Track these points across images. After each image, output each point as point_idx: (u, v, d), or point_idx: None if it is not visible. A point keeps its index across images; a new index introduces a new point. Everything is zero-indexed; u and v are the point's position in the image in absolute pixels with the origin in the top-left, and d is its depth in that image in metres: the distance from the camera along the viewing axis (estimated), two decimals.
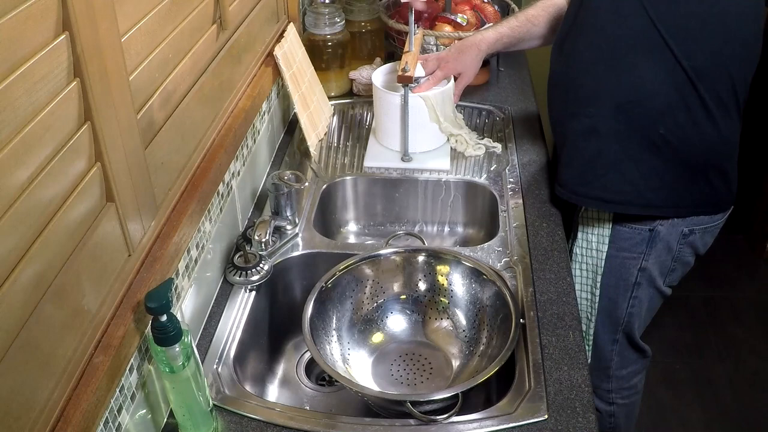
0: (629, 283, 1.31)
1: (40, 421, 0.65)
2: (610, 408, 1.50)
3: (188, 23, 0.98)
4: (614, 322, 1.36)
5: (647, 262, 1.28)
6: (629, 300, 1.33)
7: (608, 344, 1.39)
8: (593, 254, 1.31)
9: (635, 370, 1.46)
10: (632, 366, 1.45)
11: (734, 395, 2.11)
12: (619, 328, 1.37)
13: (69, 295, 0.70)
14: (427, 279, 1.17)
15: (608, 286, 1.32)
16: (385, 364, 1.13)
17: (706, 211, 1.24)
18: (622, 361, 1.42)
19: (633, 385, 1.49)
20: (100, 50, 0.72)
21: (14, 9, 0.59)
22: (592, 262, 1.32)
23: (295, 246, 1.25)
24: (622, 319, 1.35)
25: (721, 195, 1.24)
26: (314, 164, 1.47)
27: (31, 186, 0.62)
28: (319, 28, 1.64)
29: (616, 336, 1.38)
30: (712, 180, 1.21)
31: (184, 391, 0.85)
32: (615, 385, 1.46)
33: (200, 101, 1.04)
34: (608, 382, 1.46)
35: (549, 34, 1.45)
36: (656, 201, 1.21)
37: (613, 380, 1.45)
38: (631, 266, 1.29)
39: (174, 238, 0.90)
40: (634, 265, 1.29)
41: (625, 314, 1.34)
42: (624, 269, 1.30)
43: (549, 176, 1.41)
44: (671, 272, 1.31)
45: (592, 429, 0.90)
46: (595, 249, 1.30)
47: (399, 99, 1.42)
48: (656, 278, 1.31)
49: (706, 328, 2.34)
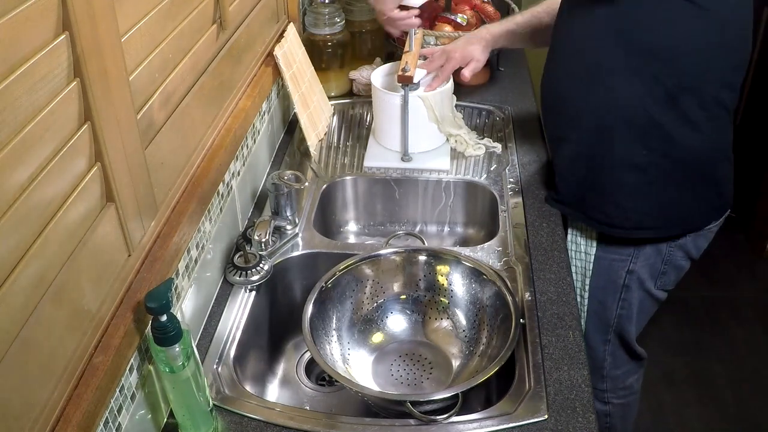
0: (618, 285, 1.30)
1: (40, 420, 0.65)
2: (606, 408, 1.50)
3: (188, 23, 0.98)
4: (605, 324, 1.36)
5: (635, 265, 1.28)
6: (618, 302, 1.32)
7: (600, 345, 1.39)
8: (582, 256, 1.31)
9: (630, 371, 1.46)
10: (626, 366, 1.44)
11: (734, 395, 2.11)
12: (610, 329, 1.36)
13: (69, 295, 0.70)
14: (427, 279, 1.17)
15: (597, 288, 1.32)
16: (385, 364, 1.13)
17: (696, 225, 1.25)
18: (615, 362, 1.42)
19: (629, 385, 1.48)
20: (100, 50, 0.72)
21: (14, 9, 0.59)
22: (581, 264, 1.32)
23: (295, 246, 1.25)
24: (612, 321, 1.35)
25: (712, 204, 1.24)
26: (314, 164, 1.47)
27: (31, 186, 0.62)
28: (319, 28, 1.64)
29: (607, 337, 1.38)
30: (701, 192, 1.21)
31: (184, 391, 0.85)
32: (610, 385, 1.46)
33: (200, 101, 1.04)
34: (603, 382, 1.45)
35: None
36: (646, 222, 1.22)
37: (607, 380, 1.45)
38: (619, 268, 1.29)
39: (174, 238, 0.90)
40: (622, 267, 1.28)
41: (615, 316, 1.34)
42: (612, 271, 1.30)
43: (549, 176, 1.41)
44: (662, 275, 1.30)
45: (592, 429, 0.90)
46: (583, 251, 1.31)
47: (399, 99, 1.42)
48: (645, 281, 1.30)
49: (706, 328, 2.34)
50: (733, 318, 2.38)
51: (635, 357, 1.43)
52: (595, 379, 1.45)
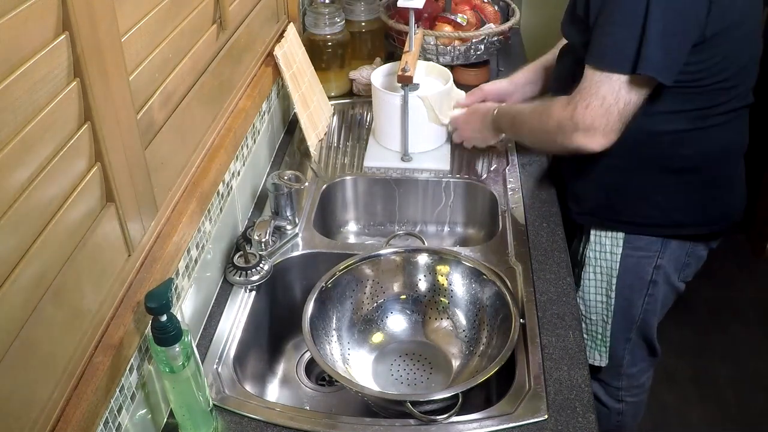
0: (645, 282, 1.30)
1: (40, 420, 0.65)
2: (619, 406, 1.50)
3: (188, 23, 0.98)
4: (629, 321, 1.36)
5: (662, 260, 1.28)
6: (645, 298, 1.32)
7: (621, 343, 1.39)
8: (607, 257, 1.30)
9: (644, 368, 1.46)
10: (642, 363, 1.44)
11: (735, 395, 2.11)
12: (633, 327, 1.36)
13: (69, 295, 0.70)
14: (427, 279, 1.17)
15: (624, 287, 1.31)
16: (385, 364, 1.13)
17: (735, 218, 1.29)
18: (633, 359, 1.42)
19: (642, 383, 1.49)
20: (100, 50, 0.72)
21: (14, 9, 0.59)
22: (606, 264, 1.31)
23: (295, 246, 1.25)
24: (637, 318, 1.35)
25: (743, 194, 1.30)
26: (314, 164, 1.47)
27: (31, 186, 0.63)
28: (319, 28, 1.64)
29: (629, 335, 1.38)
30: (737, 184, 1.27)
31: (184, 391, 0.85)
32: (625, 383, 1.46)
33: (200, 101, 1.04)
34: (619, 380, 1.46)
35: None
36: (685, 220, 1.24)
37: (623, 378, 1.45)
38: (647, 265, 1.29)
39: (174, 238, 0.90)
40: (650, 264, 1.28)
41: (640, 312, 1.34)
42: (640, 268, 1.29)
43: (549, 176, 1.41)
44: (686, 267, 1.31)
45: (592, 429, 0.90)
46: (609, 252, 1.29)
47: (399, 99, 1.42)
48: (671, 274, 1.31)
49: (706, 328, 2.34)
50: (734, 318, 2.38)
51: (653, 353, 1.43)
52: (611, 377, 1.45)
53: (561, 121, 1.13)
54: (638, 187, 1.22)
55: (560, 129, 1.14)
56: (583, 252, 1.34)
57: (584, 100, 1.09)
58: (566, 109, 1.12)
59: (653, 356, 1.44)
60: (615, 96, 1.07)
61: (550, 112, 1.16)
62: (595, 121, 1.09)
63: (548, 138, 1.19)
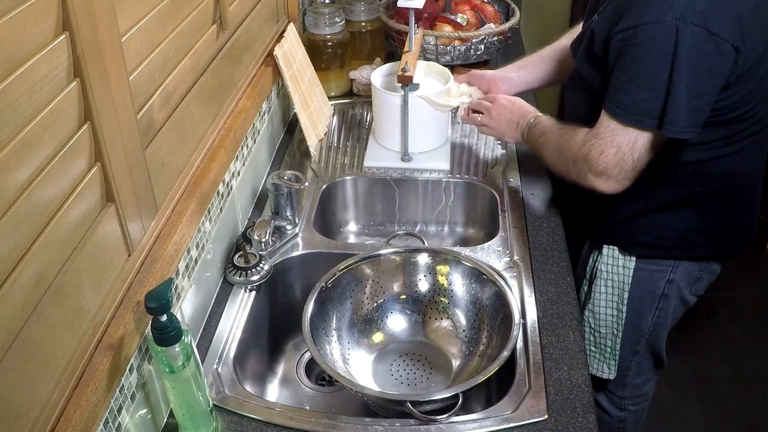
0: (656, 295, 1.29)
1: (40, 420, 0.65)
2: (622, 414, 1.49)
3: (188, 23, 0.98)
4: (638, 334, 1.34)
5: (675, 274, 1.27)
6: (655, 311, 1.31)
7: (629, 355, 1.37)
8: (620, 270, 1.29)
9: (649, 378, 1.45)
10: (647, 374, 1.43)
11: (734, 395, 2.11)
12: (641, 339, 1.35)
13: (69, 295, 0.70)
14: (427, 279, 1.17)
15: (635, 299, 1.30)
16: (385, 363, 1.13)
17: (750, 238, 1.28)
18: (639, 371, 1.41)
19: (645, 392, 1.48)
20: (100, 50, 0.72)
21: (14, 9, 0.59)
22: (618, 278, 1.29)
23: (295, 246, 1.25)
24: (646, 330, 1.34)
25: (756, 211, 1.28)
26: (314, 164, 1.47)
27: (31, 186, 0.63)
28: (319, 28, 1.64)
29: (637, 348, 1.36)
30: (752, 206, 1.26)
31: (184, 391, 0.85)
32: (629, 393, 1.45)
33: (200, 101, 1.04)
34: (623, 389, 1.44)
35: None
36: (702, 242, 1.23)
37: (628, 388, 1.44)
38: (659, 278, 1.27)
39: (174, 238, 0.90)
40: (662, 278, 1.27)
41: (650, 325, 1.33)
42: (652, 282, 1.28)
43: (549, 176, 1.41)
44: (698, 281, 1.30)
45: (592, 429, 0.90)
46: (621, 265, 1.28)
47: (399, 99, 1.42)
48: (683, 288, 1.30)
49: (706, 328, 2.34)
50: (733, 318, 2.38)
51: (659, 364, 1.42)
52: (615, 387, 1.44)
53: (577, 159, 1.12)
54: (655, 212, 1.21)
55: (576, 165, 1.13)
56: (594, 265, 1.32)
57: (599, 146, 1.07)
58: (582, 149, 1.10)
59: (659, 367, 1.43)
60: (630, 147, 1.05)
61: (570, 144, 1.14)
62: (608, 168, 1.07)
63: (565, 167, 1.17)
